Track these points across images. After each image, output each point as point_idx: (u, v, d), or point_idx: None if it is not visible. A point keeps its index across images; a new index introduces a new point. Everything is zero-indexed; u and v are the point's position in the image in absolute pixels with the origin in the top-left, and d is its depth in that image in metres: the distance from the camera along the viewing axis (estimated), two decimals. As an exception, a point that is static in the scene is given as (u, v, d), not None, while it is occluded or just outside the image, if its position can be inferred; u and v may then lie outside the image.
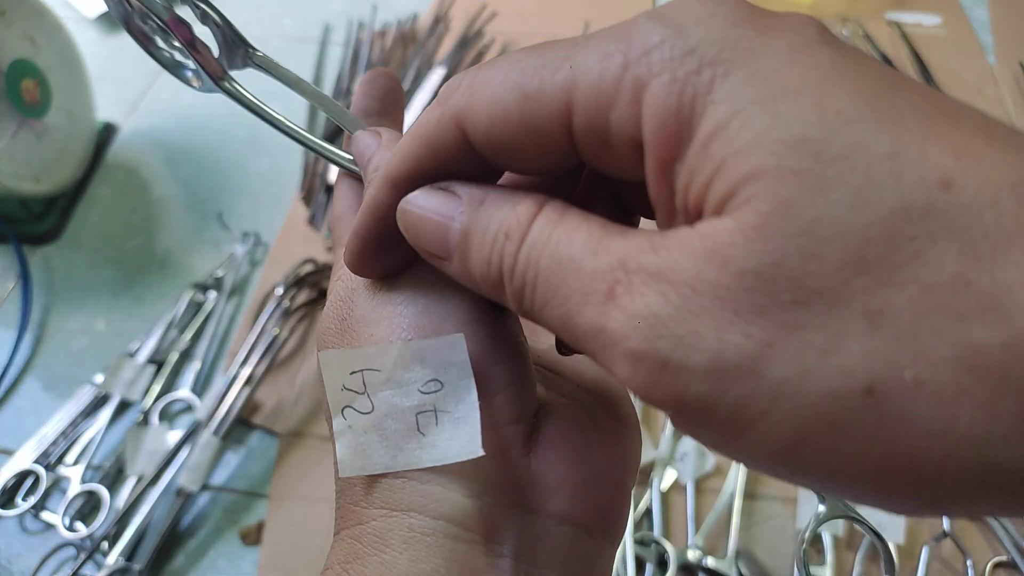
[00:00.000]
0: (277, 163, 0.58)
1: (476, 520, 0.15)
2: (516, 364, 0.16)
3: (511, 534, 0.15)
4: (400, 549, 0.14)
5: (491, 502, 0.15)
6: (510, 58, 0.13)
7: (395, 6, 0.70)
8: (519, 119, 0.12)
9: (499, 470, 0.15)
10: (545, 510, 0.15)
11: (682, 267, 0.10)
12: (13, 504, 0.41)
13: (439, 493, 0.15)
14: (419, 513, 0.14)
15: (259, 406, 0.44)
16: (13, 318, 0.49)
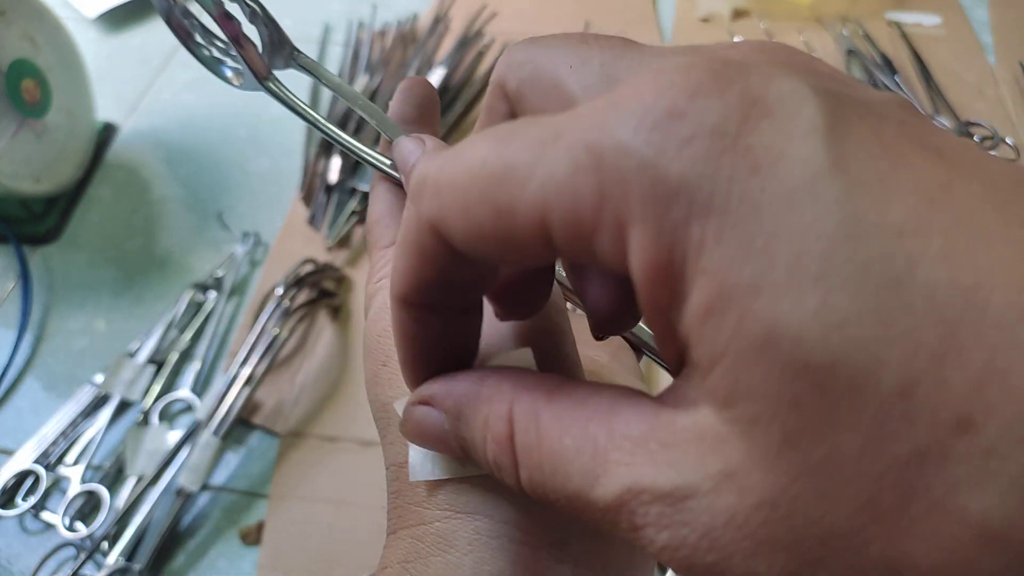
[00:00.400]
0: (277, 163, 0.58)
1: (540, 526, 0.14)
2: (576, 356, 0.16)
3: (574, 539, 0.15)
4: (465, 551, 0.14)
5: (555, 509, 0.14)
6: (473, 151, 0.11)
7: (395, 6, 0.70)
8: (495, 234, 0.11)
9: None
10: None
11: (698, 491, 0.10)
12: (13, 504, 0.41)
13: (504, 497, 0.15)
14: (484, 516, 0.14)
15: (259, 406, 0.44)
16: (13, 318, 0.49)
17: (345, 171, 0.54)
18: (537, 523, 0.15)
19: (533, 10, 0.70)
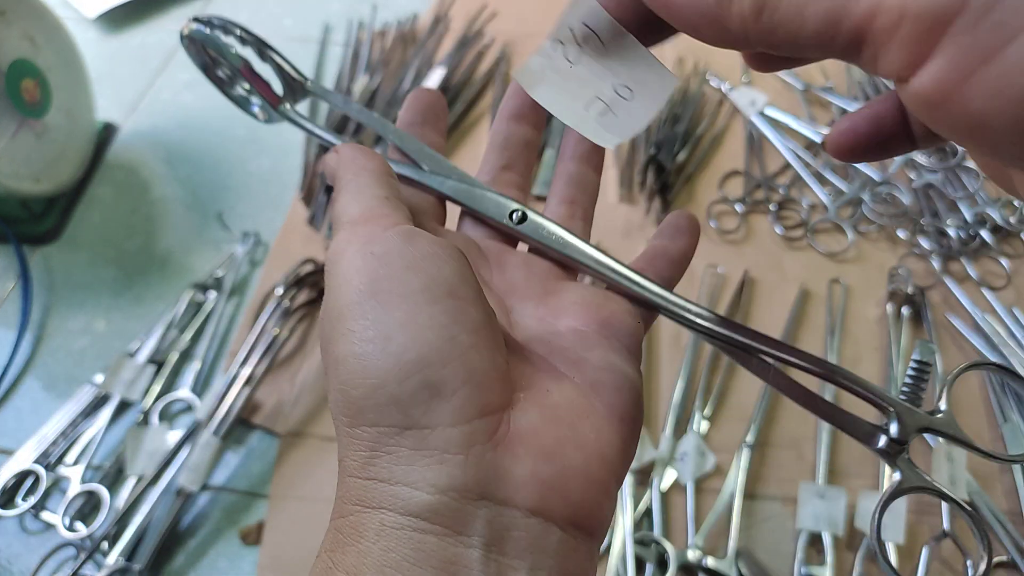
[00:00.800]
0: (277, 163, 0.58)
1: (442, 515, 0.15)
2: (474, 355, 0.17)
3: (480, 525, 0.15)
4: (373, 540, 0.15)
5: (456, 497, 0.15)
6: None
7: (395, 6, 0.70)
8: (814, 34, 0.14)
9: (463, 465, 0.16)
10: (513, 502, 0.16)
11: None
12: (13, 504, 0.41)
13: (405, 493, 0.15)
14: (388, 510, 0.15)
15: (259, 406, 0.44)
16: (13, 318, 0.49)
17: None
18: (439, 514, 0.15)
19: (533, 10, 0.70)
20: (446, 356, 0.16)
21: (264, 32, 0.24)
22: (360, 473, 0.16)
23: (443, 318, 0.16)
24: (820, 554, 0.38)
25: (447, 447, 0.16)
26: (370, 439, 0.16)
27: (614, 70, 0.17)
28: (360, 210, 0.19)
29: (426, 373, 0.16)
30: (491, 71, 0.64)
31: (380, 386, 0.16)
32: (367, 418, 0.16)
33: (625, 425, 0.18)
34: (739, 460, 0.41)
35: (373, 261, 0.17)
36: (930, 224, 0.51)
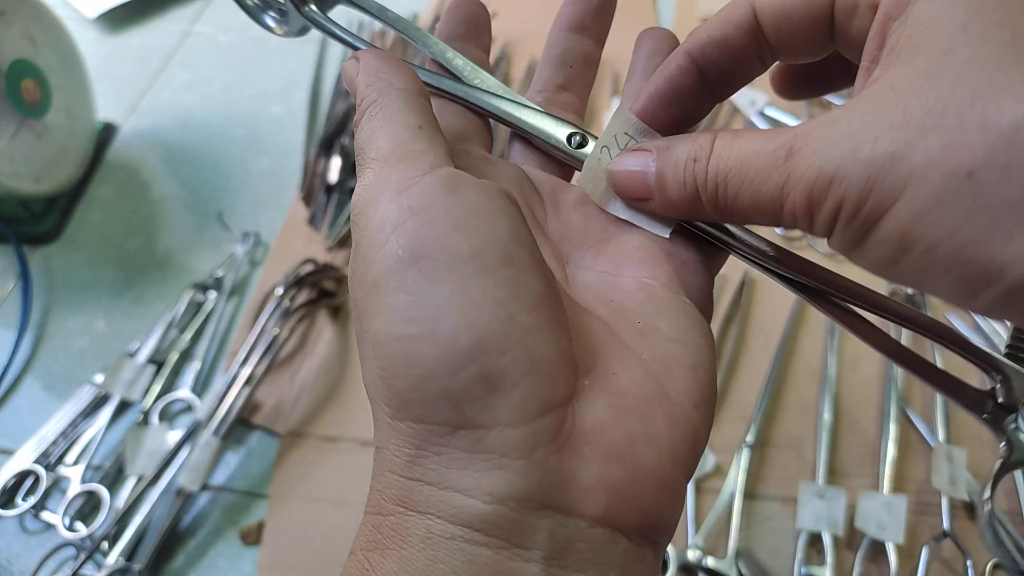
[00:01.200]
0: (277, 163, 0.58)
1: (498, 526, 0.13)
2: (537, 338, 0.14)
3: (541, 537, 0.14)
4: (418, 548, 0.13)
5: (515, 507, 0.14)
6: None
7: (395, 6, 0.70)
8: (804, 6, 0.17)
9: (524, 471, 0.14)
10: (578, 511, 0.14)
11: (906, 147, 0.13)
12: (13, 504, 0.41)
13: (457, 500, 0.14)
14: (437, 517, 0.14)
15: (259, 406, 0.44)
16: (13, 318, 0.49)
17: (345, 171, 0.54)
18: (495, 525, 0.14)
19: (533, 10, 0.70)
20: (505, 341, 0.14)
21: (263, 31, 0.24)
22: (404, 472, 0.14)
23: (500, 292, 0.14)
24: (820, 554, 0.38)
25: (506, 450, 0.14)
26: (416, 436, 0.14)
27: None
28: (390, 144, 0.16)
29: (483, 363, 0.13)
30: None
31: (429, 377, 0.14)
32: (413, 413, 0.14)
33: (700, 412, 0.16)
34: (739, 460, 0.41)
35: (412, 218, 0.14)
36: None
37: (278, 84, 0.64)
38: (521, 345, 0.14)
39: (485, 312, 0.14)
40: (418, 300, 0.14)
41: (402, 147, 0.16)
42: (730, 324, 0.47)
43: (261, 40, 0.68)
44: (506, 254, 0.14)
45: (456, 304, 0.14)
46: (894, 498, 0.39)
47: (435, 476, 0.14)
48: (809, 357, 0.46)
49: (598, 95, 0.62)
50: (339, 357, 0.47)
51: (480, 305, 0.14)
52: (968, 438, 0.41)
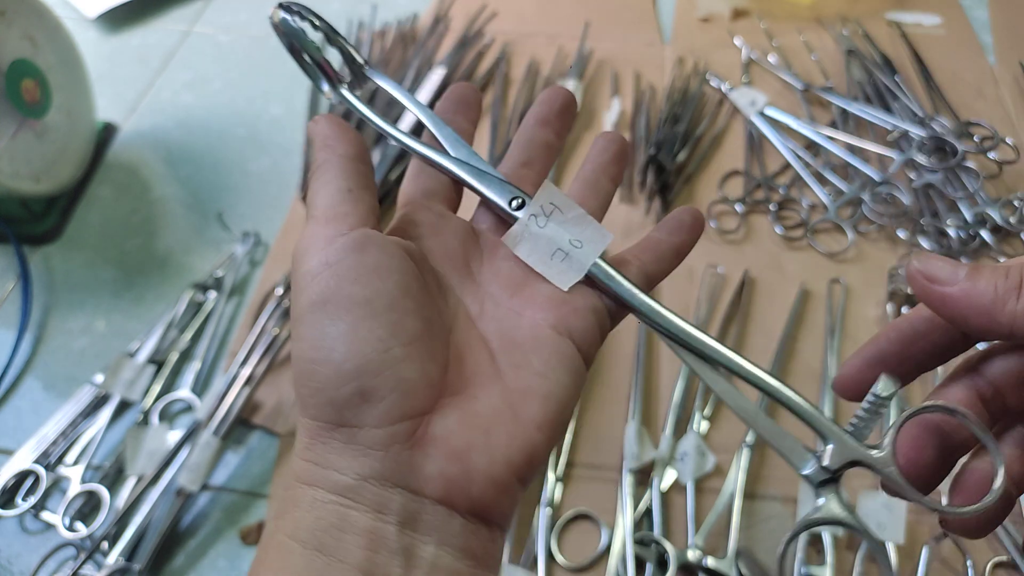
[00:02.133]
0: (277, 163, 0.58)
1: (362, 496, 0.18)
2: (405, 367, 0.19)
3: (395, 507, 0.18)
4: (307, 509, 0.18)
5: (375, 483, 0.18)
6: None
7: (395, 6, 0.70)
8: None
9: (383, 461, 0.18)
10: (423, 493, 0.18)
11: None
12: (13, 504, 0.41)
13: (333, 476, 0.18)
14: (319, 488, 0.18)
15: (259, 406, 0.44)
16: (13, 318, 0.49)
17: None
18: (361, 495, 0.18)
19: (533, 10, 0.70)
20: (379, 368, 0.18)
21: (264, 32, 0.24)
22: (301, 455, 0.19)
23: (381, 331, 0.19)
24: (820, 554, 0.38)
25: (370, 444, 0.18)
26: (311, 429, 0.19)
27: (569, 230, 0.23)
28: (323, 205, 0.21)
29: (361, 382, 0.18)
30: (491, 71, 0.64)
31: (321, 390, 0.19)
32: (309, 412, 0.19)
33: (542, 433, 0.20)
34: (739, 460, 0.41)
35: (326, 271, 0.19)
36: (930, 224, 0.51)
37: (278, 84, 0.64)
38: (391, 371, 0.19)
39: (367, 346, 0.19)
40: (321, 334, 0.19)
41: (331, 208, 0.21)
42: (730, 324, 0.47)
43: (261, 40, 0.68)
44: (392, 302, 0.19)
45: (347, 339, 0.19)
46: (894, 498, 0.39)
47: (320, 459, 0.19)
48: (809, 357, 0.46)
49: (598, 96, 0.62)
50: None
51: (364, 340, 0.19)
52: (968, 438, 0.41)
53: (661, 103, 0.60)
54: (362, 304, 0.19)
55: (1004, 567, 0.38)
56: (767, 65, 0.64)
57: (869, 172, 0.53)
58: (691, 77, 0.62)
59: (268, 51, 0.67)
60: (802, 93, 0.61)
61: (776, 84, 0.62)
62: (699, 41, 0.67)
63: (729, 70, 0.63)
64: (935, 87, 0.61)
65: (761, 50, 0.65)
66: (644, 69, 0.63)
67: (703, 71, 0.63)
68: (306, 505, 0.18)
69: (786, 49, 0.65)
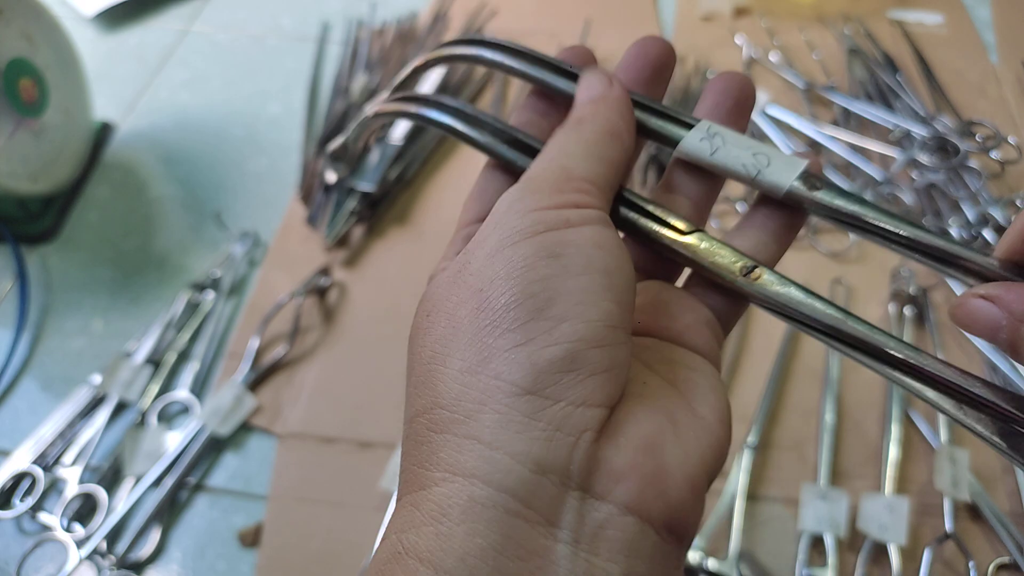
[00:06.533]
0: (275, 162, 0.58)
1: (539, 498, 0.14)
2: (621, 350, 0.16)
3: (572, 518, 0.14)
4: (458, 520, 0.14)
5: (556, 481, 0.14)
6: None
7: (394, 4, 0.70)
8: None
9: (570, 449, 0.15)
10: (611, 497, 0.15)
11: None
12: (10, 505, 0.40)
13: (506, 463, 0.14)
14: (482, 482, 0.14)
15: (258, 408, 0.44)
16: (10, 318, 0.48)
17: (344, 171, 0.54)
18: (536, 496, 0.14)
19: (533, 8, 0.70)
20: (601, 340, 0.15)
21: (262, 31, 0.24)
22: (459, 428, 0.15)
23: (613, 306, 0.16)
24: (822, 556, 0.38)
25: (561, 425, 0.14)
26: (484, 390, 0.15)
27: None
28: (581, 166, 0.18)
29: (577, 347, 0.15)
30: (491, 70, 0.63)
31: (525, 343, 0.15)
32: (494, 367, 0.15)
33: (723, 427, 0.17)
34: (741, 461, 0.41)
35: (565, 229, 0.17)
36: (933, 224, 0.51)
37: (276, 83, 0.64)
38: (611, 348, 0.16)
39: (598, 312, 0.16)
40: (544, 282, 0.16)
41: (585, 173, 0.18)
42: (731, 324, 0.47)
43: (259, 39, 0.68)
44: (627, 283, 0.17)
45: (579, 297, 0.16)
46: (896, 499, 0.38)
47: (490, 435, 0.14)
48: (811, 358, 0.46)
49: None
50: (338, 359, 0.47)
51: (595, 306, 0.16)
52: (971, 440, 0.41)
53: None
54: (602, 272, 0.16)
55: (1007, 569, 0.37)
56: (769, 64, 0.63)
57: (871, 171, 0.53)
58: (692, 76, 0.62)
59: (267, 50, 0.67)
60: (804, 92, 0.60)
61: (778, 83, 0.62)
62: (700, 39, 0.66)
63: (730, 68, 0.63)
64: (937, 86, 0.61)
65: (763, 49, 0.65)
66: (645, 68, 0.63)
67: (704, 69, 0.62)
68: (457, 512, 0.14)
69: (788, 48, 0.65)
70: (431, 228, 0.53)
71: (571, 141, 0.19)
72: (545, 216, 0.16)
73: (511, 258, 0.16)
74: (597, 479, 0.15)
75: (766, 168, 0.19)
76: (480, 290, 0.16)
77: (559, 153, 0.18)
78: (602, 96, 0.20)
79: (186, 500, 0.41)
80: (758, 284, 0.19)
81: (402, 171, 0.54)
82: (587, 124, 0.19)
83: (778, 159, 0.19)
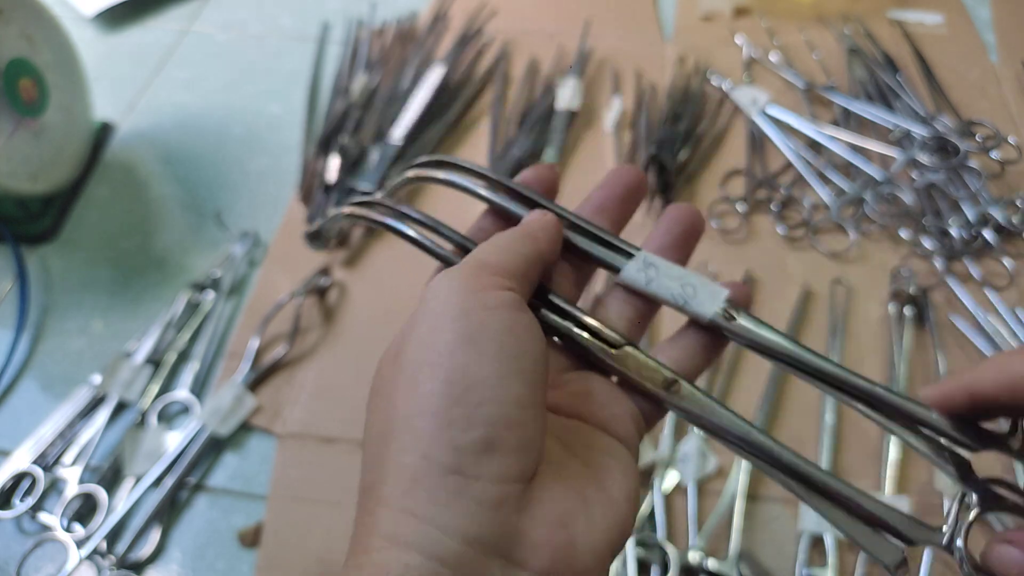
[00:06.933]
0: (275, 162, 0.58)
1: (466, 566, 0.16)
2: (532, 427, 0.18)
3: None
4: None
5: (481, 551, 0.17)
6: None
7: (394, 4, 0.70)
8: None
9: (491, 522, 0.17)
10: (527, 565, 0.17)
11: None
12: (10, 505, 0.40)
13: (436, 535, 0.16)
14: (416, 552, 0.16)
15: (258, 408, 0.44)
16: (10, 318, 0.48)
17: (343, 170, 0.54)
18: (462, 563, 0.16)
19: (533, 8, 0.70)
20: (512, 421, 0.18)
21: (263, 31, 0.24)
22: (396, 503, 0.17)
23: (522, 388, 0.18)
24: (822, 556, 0.38)
25: (482, 499, 0.17)
26: (416, 469, 0.17)
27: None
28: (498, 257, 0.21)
29: (491, 430, 0.17)
30: (491, 69, 0.64)
31: (447, 427, 0.17)
32: (423, 449, 0.17)
33: (629, 505, 0.19)
34: (741, 462, 0.41)
35: (484, 314, 0.19)
36: (933, 224, 0.51)
37: (276, 83, 0.64)
38: (521, 428, 0.18)
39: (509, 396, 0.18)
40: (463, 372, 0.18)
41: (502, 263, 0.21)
42: (731, 324, 0.47)
43: (259, 39, 0.68)
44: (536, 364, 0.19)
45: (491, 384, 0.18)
46: (896, 499, 0.38)
47: (423, 510, 0.17)
48: (811, 357, 0.46)
49: (598, 94, 0.62)
50: (337, 359, 0.47)
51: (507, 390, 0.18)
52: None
53: (662, 102, 0.60)
54: (513, 356, 0.18)
55: (1007, 569, 0.37)
56: (769, 64, 0.63)
57: (871, 171, 0.53)
58: (692, 76, 0.62)
59: (266, 50, 0.67)
60: (804, 92, 0.60)
61: (778, 83, 0.62)
62: (700, 39, 0.66)
63: (730, 69, 0.63)
64: (937, 86, 0.61)
65: (763, 49, 0.65)
66: (645, 67, 0.63)
67: (704, 69, 0.62)
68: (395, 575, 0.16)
69: (788, 47, 0.65)
70: (431, 228, 0.53)
71: (490, 242, 0.21)
72: (463, 301, 0.19)
73: (435, 345, 0.18)
74: (516, 548, 0.17)
75: (692, 299, 0.22)
76: (412, 376, 0.18)
77: (479, 251, 0.21)
78: (533, 218, 0.23)
79: (186, 500, 0.41)
80: (677, 396, 0.22)
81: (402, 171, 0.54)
82: (507, 231, 0.22)
83: (704, 289, 0.22)
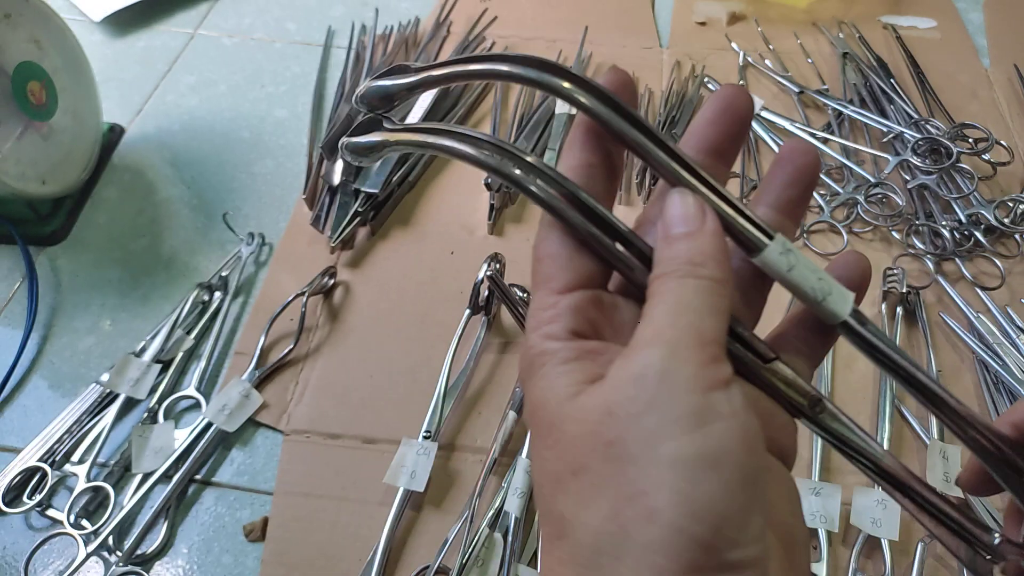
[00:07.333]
0: (282, 164, 0.59)
1: None
2: (762, 545, 0.16)
3: None
4: None
5: None
6: None
7: (397, 10, 0.71)
8: None
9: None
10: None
11: None
12: (19, 502, 0.41)
13: None
14: None
15: (264, 404, 0.45)
16: (20, 318, 0.49)
17: (348, 173, 0.55)
18: None
19: (533, 14, 0.71)
20: (755, 559, 0.15)
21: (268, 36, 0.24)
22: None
23: (763, 517, 0.16)
24: (816, 550, 0.38)
25: None
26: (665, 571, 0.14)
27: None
28: (707, 330, 0.17)
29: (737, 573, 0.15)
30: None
31: (694, 570, 0.15)
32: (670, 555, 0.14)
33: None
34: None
35: (721, 424, 0.16)
36: (924, 225, 0.52)
37: (282, 87, 0.65)
38: (757, 544, 0.16)
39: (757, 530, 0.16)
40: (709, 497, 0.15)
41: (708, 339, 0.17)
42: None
43: (265, 43, 0.69)
44: (760, 472, 0.16)
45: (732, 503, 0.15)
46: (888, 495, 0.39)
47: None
48: (805, 356, 0.46)
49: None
50: (342, 356, 0.47)
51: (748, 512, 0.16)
52: (962, 435, 0.41)
53: (659, 106, 0.61)
54: (753, 483, 0.15)
55: (997, 562, 0.38)
56: (763, 68, 0.64)
57: (864, 174, 0.54)
58: (688, 80, 0.63)
59: (272, 54, 0.68)
60: (797, 96, 0.61)
61: (772, 87, 0.63)
62: (696, 45, 0.67)
63: (726, 73, 0.64)
64: (930, 90, 0.62)
65: (757, 53, 0.66)
66: (642, 72, 0.64)
67: (700, 74, 0.63)
68: None
69: (782, 52, 0.66)
70: (434, 229, 0.54)
71: (689, 292, 0.17)
72: (694, 403, 0.16)
73: (672, 461, 0.15)
74: None
75: (829, 295, 0.20)
76: (641, 490, 0.15)
77: (684, 308, 0.17)
78: (699, 230, 0.18)
79: (193, 495, 0.42)
80: (823, 415, 0.21)
81: (406, 174, 0.55)
82: (695, 273, 0.18)
83: (836, 287, 0.20)
